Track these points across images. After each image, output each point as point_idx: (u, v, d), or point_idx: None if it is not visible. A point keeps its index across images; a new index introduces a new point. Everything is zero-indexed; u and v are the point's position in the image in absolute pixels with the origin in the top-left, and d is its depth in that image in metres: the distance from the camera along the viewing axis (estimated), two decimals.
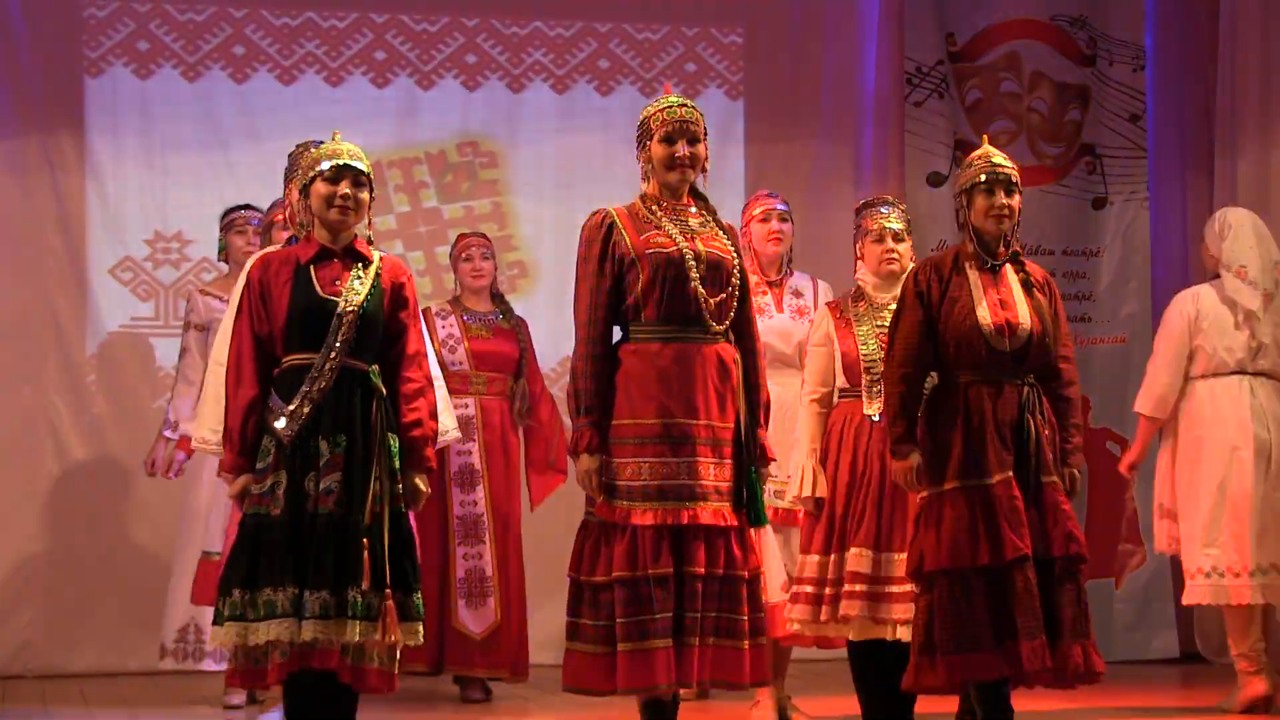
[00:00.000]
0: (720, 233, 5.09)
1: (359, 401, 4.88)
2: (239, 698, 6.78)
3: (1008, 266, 5.38)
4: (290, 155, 5.91)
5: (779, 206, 6.49)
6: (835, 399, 5.95)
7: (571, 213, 8.60)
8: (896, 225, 5.97)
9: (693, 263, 4.97)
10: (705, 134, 5.13)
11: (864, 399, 5.84)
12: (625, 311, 5.01)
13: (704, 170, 5.15)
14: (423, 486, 4.98)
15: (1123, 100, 8.77)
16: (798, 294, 6.48)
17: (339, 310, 4.89)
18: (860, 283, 6.02)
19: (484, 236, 7.45)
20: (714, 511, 4.92)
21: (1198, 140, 8.85)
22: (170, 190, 8.30)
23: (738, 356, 5.04)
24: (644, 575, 4.85)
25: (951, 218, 8.50)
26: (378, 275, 4.98)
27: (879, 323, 5.87)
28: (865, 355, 5.82)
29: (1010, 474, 5.18)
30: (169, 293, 8.28)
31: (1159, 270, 8.82)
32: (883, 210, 6.00)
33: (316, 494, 4.80)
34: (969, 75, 8.68)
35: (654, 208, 5.08)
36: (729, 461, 4.98)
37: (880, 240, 5.94)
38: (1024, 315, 5.28)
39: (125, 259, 8.26)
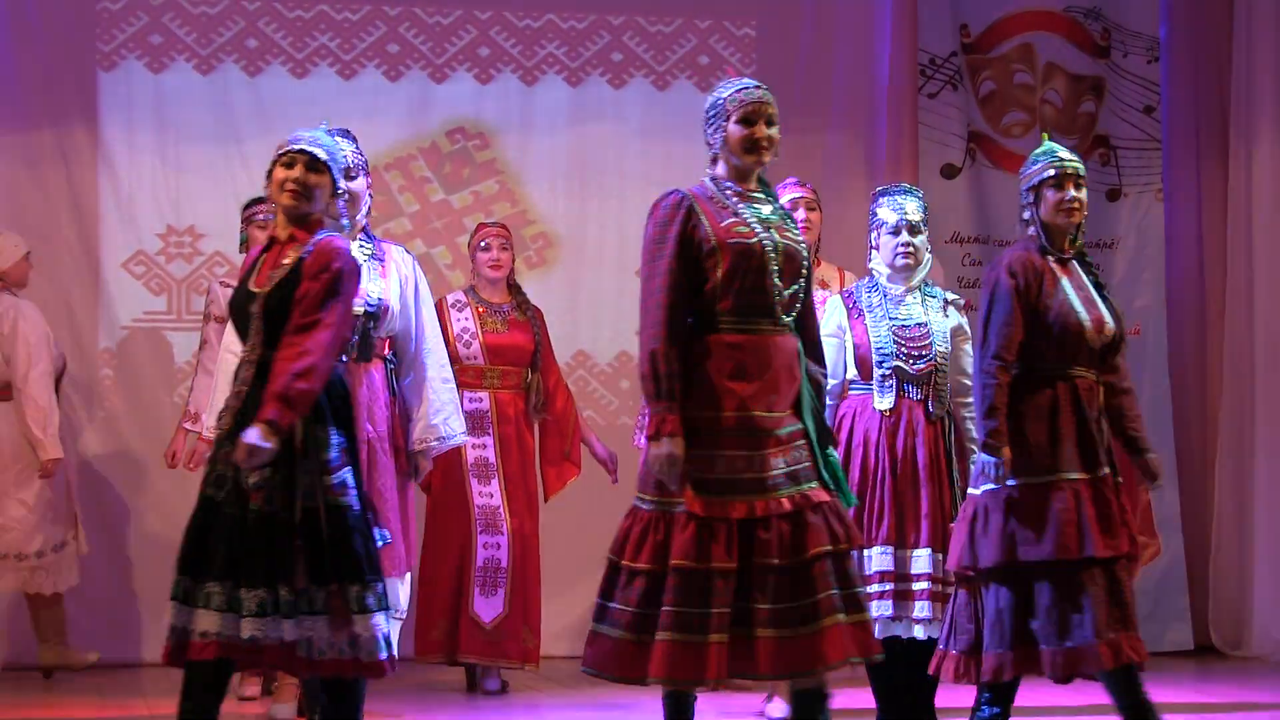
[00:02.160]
0: (788, 221, 4.91)
1: None
2: (254, 689, 6.78)
3: (1074, 263, 5.38)
4: None
5: (807, 194, 6.42)
6: (845, 391, 5.93)
7: (584, 206, 8.61)
8: (914, 217, 5.91)
9: (773, 254, 4.77)
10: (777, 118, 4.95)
11: (874, 393, 5.82)
12: (699, 299, 4.78)
13: (775, 155, 4.95)
14: (247, 439, 4.65)
15: (1137, 92, 8.74)
16: (824, 284, 6.42)
17: (256, 301, 4.82)
18: (874, 273, 5.95)
19: (503, 227, 7.41)
20: (790, 498, 4.69)
21: (1212, 132, 8.83)
22: (183, 184, 8.30)
23: (800, 346, 4.87)
24: (706, 568, 4.64)
25: (967, 210, 8.63)
26: (300, 262, 4.82)
27: (894, 316, 5.82)
28: (878, 348, 5.79)
29: (1108, 470, 5.25)
30: (181, 287, 8.28)
31: (1173, 262, 8.80)
32: (899, 199, 5.93)
33: (249, 489, 4.71)
34: (983, 67, 8.66)
35: (728, 192, 4.88)
36: (800, 446, 4.75)
37: (896, 232, 5.90)
38: (1106, 313, 5.35)
39: (138, 252, 8.26)
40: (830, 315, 5.93)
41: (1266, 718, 6.60)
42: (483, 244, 7.28)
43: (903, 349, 5.84)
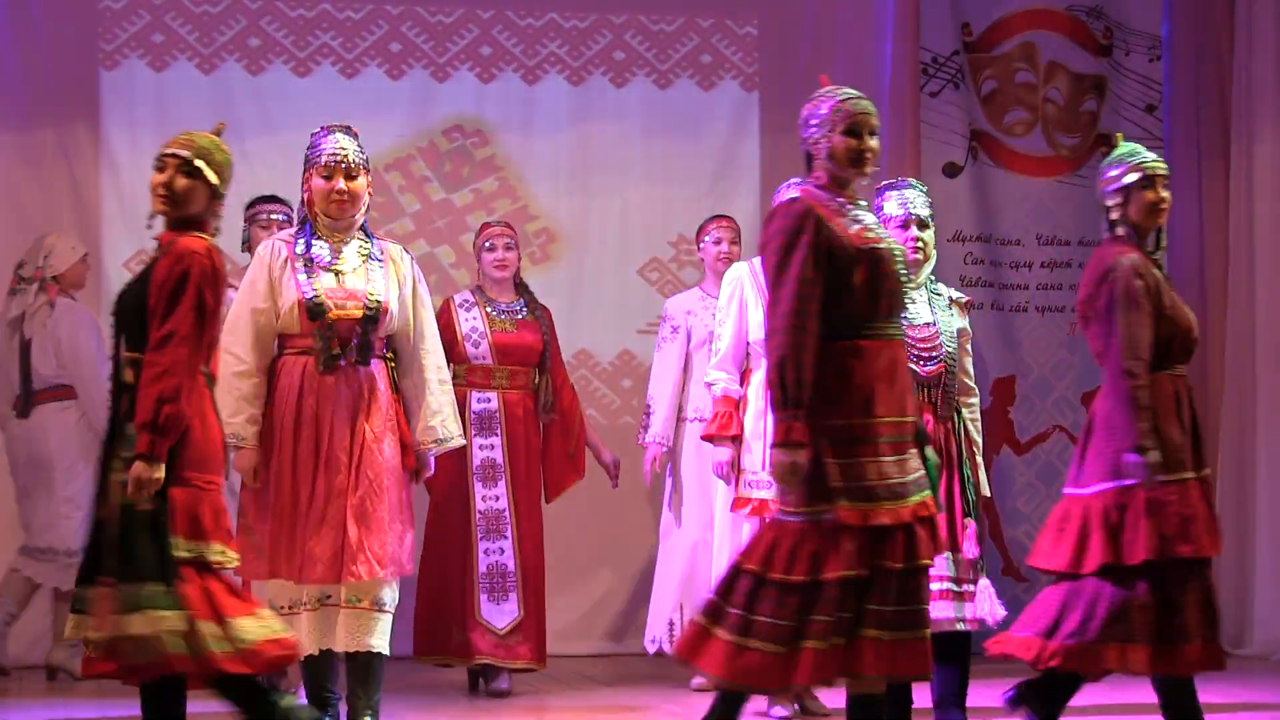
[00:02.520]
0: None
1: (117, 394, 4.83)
2: None
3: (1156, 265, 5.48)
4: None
5: None
6: None
7: (587, 205, 8.60)
8: (922, 211, 5.80)
9: (899, 259, 4.83)
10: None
11: None
12: (835, 306, 4.72)
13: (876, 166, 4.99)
14: (135, 472, 4.67)
15: (1139, 90, 8.74)
16: None
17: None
18: None
19: (508, 226, 7.35)
20: (912, 507, 4.74)
21: (1214, 130, 8.82)
22: None
23: None
24: (856, 575, 4.65)
25: (969, 209, 8.63)
26: (151, 266, 4.88)
27: (905, 315, 5.58)
28: None
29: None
30: None
31: (1175, 260, 8.78)
32: (906, 194, 5.83)
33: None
34: (985, 65, 8.65)
35: (840, 200, 4.84)
36: (914, 453, 4.83)
37: (904, 226, 5.80)
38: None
39: (139, 252, 8.24)
40: None
41: (1268, 717, 6.60)
42: (487, 244, 7.21)
43: (913, 350, 5.66)
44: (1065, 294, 8.52)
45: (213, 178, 4.94)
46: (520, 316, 7.17)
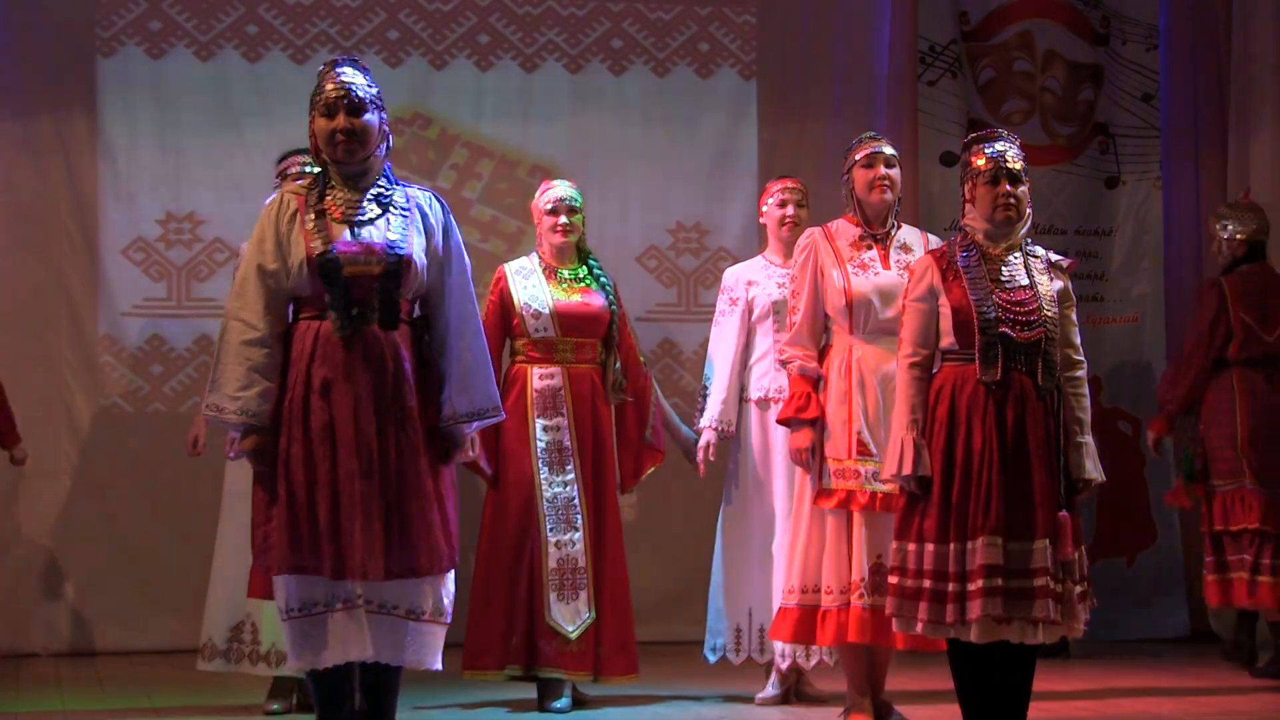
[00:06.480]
0: None
1: None
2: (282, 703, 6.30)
3: None
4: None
5: (886, 150, 5.97)
6: (938, 362, 5.28)
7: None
8: (1014, 165, 5.27)
9: None
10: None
11: (979, 362, 5.15)
12: None
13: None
14: None
15: (1136, 79, 8.76)
16: (906, 249, 5.96)
17: None
18: (968, 229, 5.32)
19: (572, 187, 6.63)
20: None
21: (1210, 119, 8.84)
22: (182, 170, 8.28)
23: None
24: None
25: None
26: None
27: (995, 277, 5.24)
28: (981, 313, 5.15)
29: None
30: (181, 273, 8.27)
31: (1171, 250, 8.82)
32: (998, 146, 5.31)
33: None
34: (982, 54, 8.67)
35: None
36: None
37: (994, 181, 5.25)
38: None
39: (137, 239, 8.25)
40: (919, 277, 5.31)
41: (1261, 700, 6.63)
42: (550, 206, 6.53)
43: (1008, 314, 5.17)
44: None
45: None
46: (583, 284, 6.50)
